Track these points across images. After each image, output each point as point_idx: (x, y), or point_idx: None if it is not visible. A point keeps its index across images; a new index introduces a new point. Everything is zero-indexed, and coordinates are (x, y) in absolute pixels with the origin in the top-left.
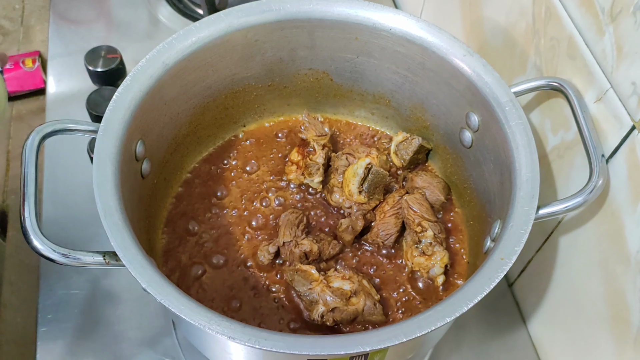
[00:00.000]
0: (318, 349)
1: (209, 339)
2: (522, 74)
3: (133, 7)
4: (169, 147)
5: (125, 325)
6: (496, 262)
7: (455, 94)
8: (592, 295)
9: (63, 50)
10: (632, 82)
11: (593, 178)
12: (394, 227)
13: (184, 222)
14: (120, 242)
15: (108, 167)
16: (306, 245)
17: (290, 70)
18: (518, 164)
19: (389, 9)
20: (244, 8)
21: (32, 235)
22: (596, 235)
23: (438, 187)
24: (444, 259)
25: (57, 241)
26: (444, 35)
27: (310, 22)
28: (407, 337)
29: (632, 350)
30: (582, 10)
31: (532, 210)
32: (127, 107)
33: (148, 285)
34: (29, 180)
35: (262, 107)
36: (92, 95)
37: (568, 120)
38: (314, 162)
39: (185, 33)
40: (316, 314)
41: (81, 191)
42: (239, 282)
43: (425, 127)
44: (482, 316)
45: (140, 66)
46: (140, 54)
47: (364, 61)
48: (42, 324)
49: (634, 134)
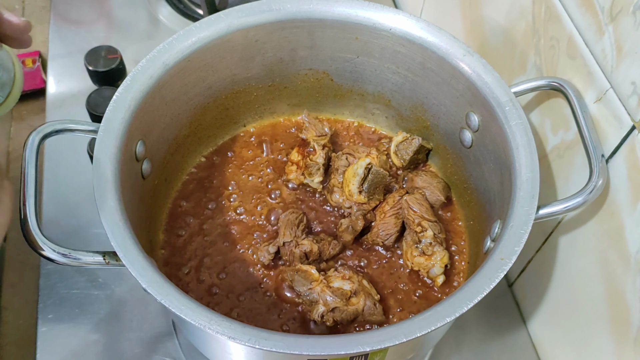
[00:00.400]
0: (318, 349)
1: (209, 339)
2: (522, 74)
3: (133, 7)
4: (169, 147)
5: (125, 325)
6: (496, 262)
7: (455, 94)
8: (592, 295)
9: (63, 50)
10: (632, 82)
11: (593, 178)
12: (394, 227)
13: (185, 223)
14: (120, 242)
15: (108, 167)
16: (306, 245)
17: (291, 70)
18: (518, 164)
19: (389, 9)
20: (244, 8)
21: (32, 235)
22: (596, 235)
23: (438, 187)
24: (444, 259)
25: (58, 241)
26: (444, 35)
27: (311, 22)
28: (407, 337)
29: (632, 350)
30: (582, 10)
31: (532, 210)
32: (127, 107)
33: (148, 285)
34: (29, 180)
35: (262, 107)
36: (92, 95)
37: (568, 120)
38: (314, 162)
39: (185, 33)
40: (316, 314)
41: (81, 191)
42: (239, 282)
43: (425, 127)
44: (482, 316)
45: (141, 66)
46: (140, 54)
47: (364, 61)
48: (43, 324)
49: (634, 134)
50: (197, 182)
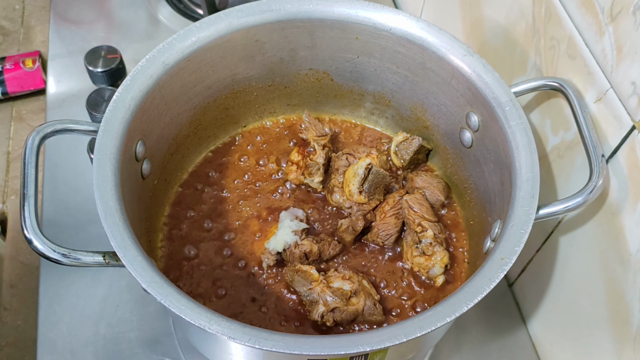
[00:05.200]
0: (318, 349)
1: (209, 339)
2: (522, 74)
3: (133, 7)
4: (169, 147)
5: (125, 325)
6: (496, 262)
7: (455, 94)
8: (592, 295)
9: (63, 50)
10: (632, 82)
11: (593, 178)
12: (394, 227)
13: (185, 223)
14: (120, 242)
15: (108, 167)
16: (306, 245)
17: (291, 70)
18: (518, 164)
19: (389, 9)
20: (244, 8)
21: (32, 236)
22: (596, 235)
23: (438, 187)
24: (444, 259)
25: (57, 241)
26: (444, 35)
27: (311, 22)
28: (407, 337)
29: (632, 350)
30: (582, 10)
31: (532, 210)
32: (127, 107)
33: (148, 285)
34: (29, 180)
35: (262, 107)
36: (92, 95)
37: (568, 120)
38: (314, 162)
39: (185, 33)
40: (316, 314)
41: (81, 191)
42: (239, 283)
43: (425, 127)
44: (482, 316)
45: (141, 66)
46: (140, 54)
47: (365, 61)
48: (42, 324)
49: (634, 134)
50: (197, 182)
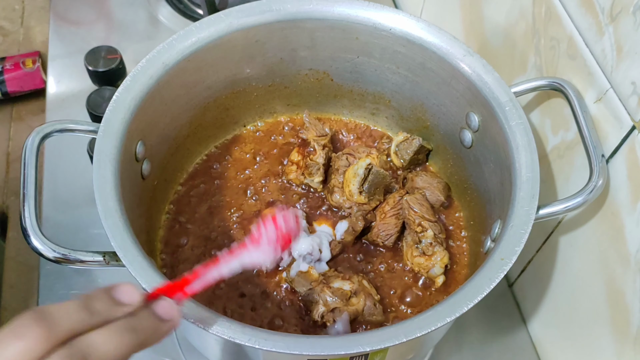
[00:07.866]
0: (318, 349)
1: (209, 339)
2: (522, 74)
3: (133, 8)
4: (169, 147)
5: None
6: (496, 262)
7: (455, 94)
8: (592, 295)
9: (63, 50)
10: (632, 82)
11: (593, 178)
12: (394, 228)
13: (185, 223)
14: (120, 242)
15: (108, 167)
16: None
17: (291, 70)
18: (518, 164)
19: (389, 9)
20: (244, 8)
21: (32, 236)
22: (596, 235)
23: (438, 188)
24: (444, 259)
25: (57, 241)
26: (444, 35)
27: (311, 22)
28: (407, 337)
29: (632, 350)
30: (582, 10)
31: (532, 210)
32: (127, 108)
33: (148, 285)
34: (29, 180)
35: (262, 107)
36: (92, 95)
37: (568, 120)
38: (314, 162)
39: (185, 33)
40: (316, 314)
41: (81, 192)
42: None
43: (425, 127)
44: (482, 316)
45: (141, 66)
46: (140, 54)
47: (365, 61)
48: None
49: (634, 134)
50: (197, 183)
